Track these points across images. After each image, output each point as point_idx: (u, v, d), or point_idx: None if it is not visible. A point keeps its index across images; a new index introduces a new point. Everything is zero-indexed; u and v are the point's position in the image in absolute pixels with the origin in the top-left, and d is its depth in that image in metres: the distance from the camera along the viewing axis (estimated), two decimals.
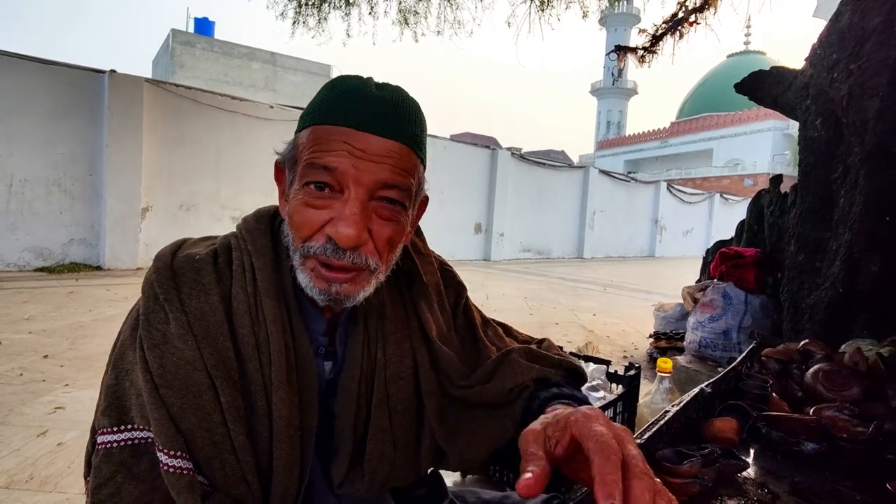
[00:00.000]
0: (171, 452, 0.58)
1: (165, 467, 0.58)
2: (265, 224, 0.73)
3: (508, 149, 14.80)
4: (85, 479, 0.66)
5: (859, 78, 1.75)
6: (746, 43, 41.61)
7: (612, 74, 4.10)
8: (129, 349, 0.64)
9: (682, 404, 1.27)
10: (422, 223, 0.91)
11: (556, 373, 0.83)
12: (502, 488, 1.65)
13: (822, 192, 2.05)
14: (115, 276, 7.36)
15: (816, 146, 2.11)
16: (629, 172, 27.73)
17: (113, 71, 7.89)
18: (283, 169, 0.70)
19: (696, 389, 1.44)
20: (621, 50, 4.23)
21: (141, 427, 0.61)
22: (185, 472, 0.58)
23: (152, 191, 8.36)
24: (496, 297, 7.36)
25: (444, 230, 12.73)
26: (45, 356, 3.46)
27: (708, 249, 3.68)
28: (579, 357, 2.29)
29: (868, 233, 1.68)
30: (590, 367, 2.16)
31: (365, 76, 0.68)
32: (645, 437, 1.05)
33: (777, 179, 3.12)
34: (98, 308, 5.11)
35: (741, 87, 2.73)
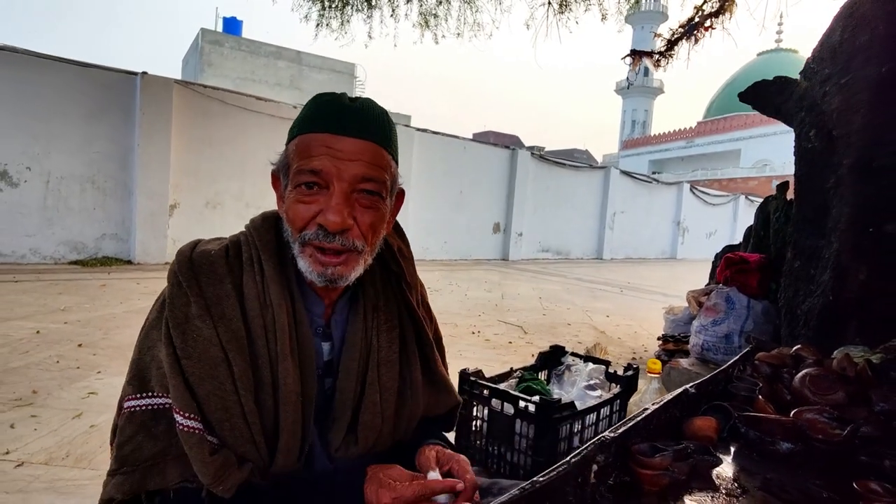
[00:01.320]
0: (186, 414, 0.72)
1: (180, 426, 0.71)
2: (270, 223, 0.87)
3: (530, 148, 14.81)
4: (111, 444, 0.80)
5: (846, 93, 1.80)
6: (778, 41, 40.59)
7: (627, 79, 4.14)
8: (153, 329, 0.79)
9: (662, 403, 1.36)
10: (440, 221, 1.04)
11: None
12: (491, 476, 1.76)
13: (817, 202, 2.09)
14: (145, 269, 7.67)
15: (811, 157, 2.15)
16: (654, 172, 27.37)
17: (145, 73, 8.20)
18: (278, 176, 0.85)
19: (680, 389, 1.52)
20: (636, 54, 4.26)
21: (160, 394, 0.75)
22: (196, 431, 0.72)
23: (180, 189, 8.66)
24: (511, 297, 7.43)
25: (463, 230, 12.81)
26: (80, 345, 3.69)
27: (717, 254, 3.70)
28: (580, 357, 2.37)
29: (854, 243, 1.73)
30: (588, 367, 2.24)
31: (339, 92, 0.83)
32: (619, 431, 1.14)
33: (783, 186, 3.13)
34: (129, 300, 5.37)
35: (744, 96, 2.77)
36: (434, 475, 0.82)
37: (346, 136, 0.77)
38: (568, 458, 0.95)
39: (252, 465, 0.76)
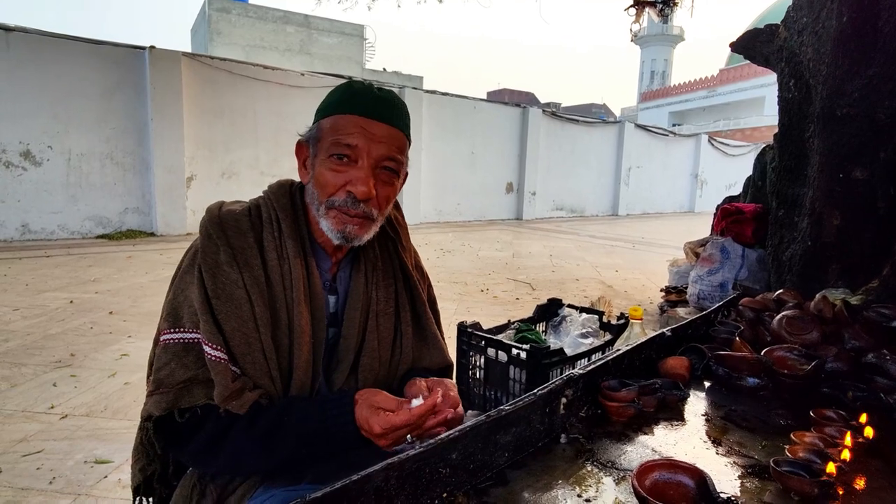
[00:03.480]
0: (214, 346, 0.85)
1: (209, 356, 0.85)
2: (285, 190, 1.01)
3: (546, 104, 14.53)
4: (147, 376, 0.95)
5: (817, 43, 1.80)
6: None
7: (631, 30, 4.07)
8: (186, 274, 0.93)
9: (635, 344, 1.46)
10: (453, 182, 1.15)
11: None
12: None
13: (797, 151, 2.11)
14: (168, 241, 7.93)
15: (791, 106, 2.16)
16: (674, 124, 26.61)
17: (152, 47, 8.24)
18: (305, 146, 0.98)
19: (657, 332, 1.62)
20: (639, 5, 4.15)
21: (190, 330, 0.88)
22: (221, 360, 0.85)
23: (195, 161, 8.82)
24: (522, 255, 7.52)
25: (475, 190, 12.79)
26: (111, 312, 3.92)
27: (718, 205, 3.70)
28: (576, 308, 2.47)
29: (826, 189, 1.76)
30: (582, 317, 2.35)
31: (367, 83, 0.98)
32: (588, 368, 1.25)
33: (777, 137, 3.09)
34: (155, 270, 5.60)
35: (736, 46, 2.73)
36: (417, 402, 0.92)
37: (378, 121, 0.92)
38: (535, 391, 1.06)
39: (262, 390, 0.89)
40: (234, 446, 0.85)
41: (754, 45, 2.63)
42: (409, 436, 0.91)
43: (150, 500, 1.00)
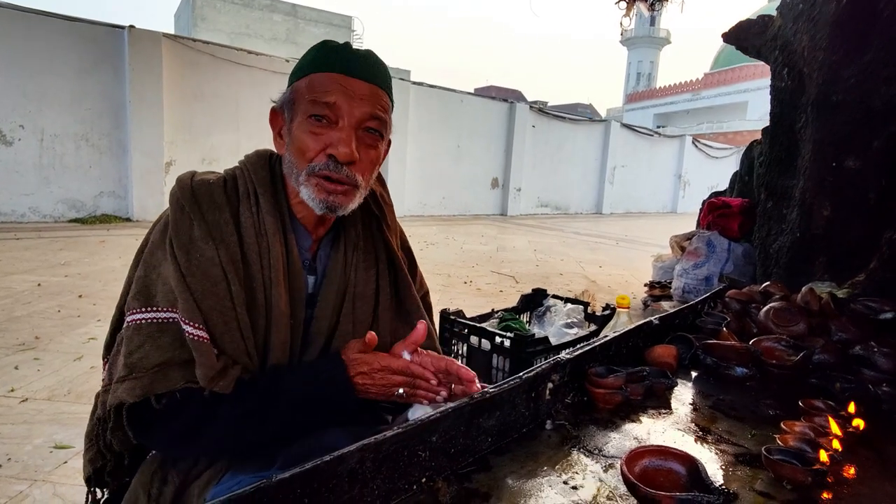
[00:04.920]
0: (194, 325, 0.79)
1: (190, 335, 0.78)
2: (264, 160, 0.94)
3: (532, 102, 14.52)
4: (103, 359, 0.87)
5: (813, 30, 1.79)
6: None
7: (621, 24, 4.05)
8: (157, 249, 0.85)
9: (622, 332, 1.43)
10: (438, 176, 1.09)
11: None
12: None
13: (788, 141, 2.10)
14: (144, 227, 7.69)
15: (783, 96, 2.15)
16: (659, 126, 26.87)
17: (132, 26, 8.02)
18: (280, 113, 0.90)
19: (644, 321, 1.59)
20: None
21: (165, 309, 0.81)
22: (204, 339, 0.79)
23: (175, 145, 8.61)
24: (507, 249, 7.50)
25: (460, 185, 12.75)
26: (80, 296, 3.79)
27: (704, 200, 3.72)
28: (561, 298, 2.44)
29: (818, 179, 1.75)
30: (567, 307, 2.31)
31: (342, 42, 0.90)
32: (575, 353, 1.21)
33: (767, 131, 3.10)
34: (129, 255, 5.41)
35: (728, 37, 2.72)
36: (406, 356, 0.90)
37: (357, 78, 0.85)
38: (520, 373, 1.02)
39: (240, 366, 0.84)
40: (223, 427, 0.80)
41: (746, 37, 2.62)
42: (401, 388, 0.87)
43: (104, 491, 0.93)
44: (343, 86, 0.83)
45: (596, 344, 1.29)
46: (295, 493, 0.63)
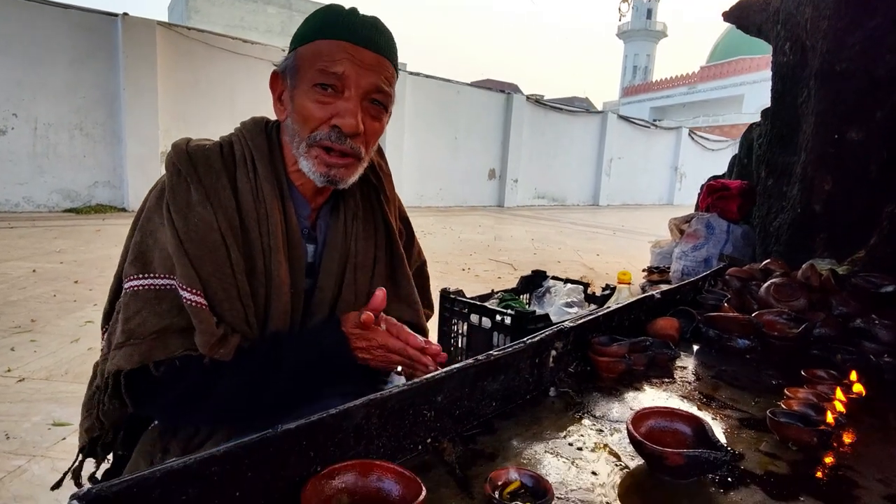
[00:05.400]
0: (193, 291, 0.77)
1: (188, 302, 0.77)
2: (261, 127, 0.91)
3: (529, 96, 14.46)
4: (102, 329, 0.86)
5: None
6: None
7: (619, 10, 3.99)
8: (154, 214, 0.83)
9: (625, 304, 1.43)
10: (435, 167, 1.07)
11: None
12: None
13: (790, 117, 2.09)
14: None
15: (785, 71, 2.14)
16: (655, 120, 26.82)
17: (125, 14, 7.92)
18: (281, 78, 0.87)
19: (646, 294, 1.59)
20: None
21: (162, 275, 0.79)
22: (202, 306, 0.77)
23: (169, 135, 8.53)
24: (504, 238, 7.50)
25: (457, 176, 12.73)
26: (76, 282, 3.77)
27: (702, 185, 3.72)
28: (560, 280, 2.44)
29: (819, 152, 1.75)
30: (567, 287, 2.31)
31: (348, 7, 0.86)
32: (578, 322, 1.21)
33: (767, 112, 3.10)
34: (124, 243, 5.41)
35: (728, 16, 2.71)
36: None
37: (366, 48, 0.82)
38: (524, 339, 1.02)
39: (240, 334, 0.83)
40: (223, 394, 0.79)
41: (747, 14, 2.60)
42: (399, 367, 0.88)
43: (96, 461, 0.92)
44: (352, 55, 0.81)
45: (599, 314, 1.29)
46: (300, 444, 0.63)
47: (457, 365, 0.85)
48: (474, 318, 1.88)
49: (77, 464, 0.92)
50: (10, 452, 1.68)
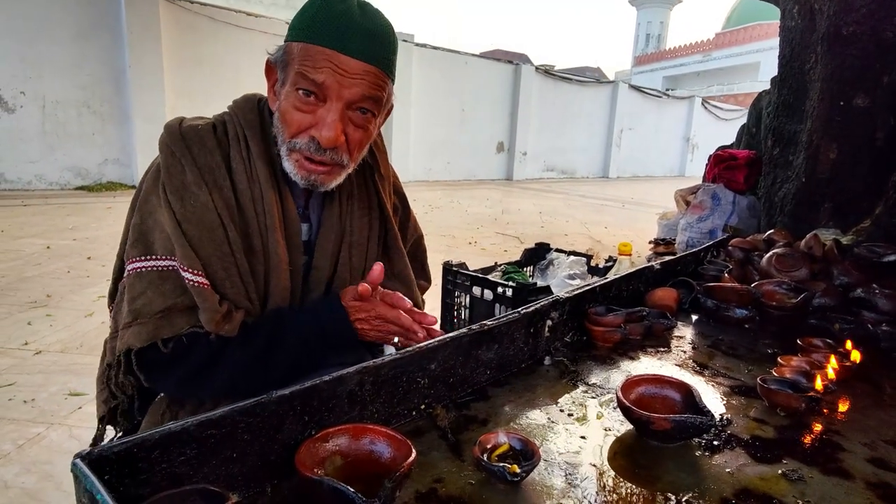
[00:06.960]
0: (194, 271, 0.78)
1: (190, 282, 0.78)
2: (253, 105, 0.90)
3: (538, 66, 14.15)
4: (109, 307, 0.88)
5: None
6: None
7: None
8: (152, 195, 0.83)
9: (623, 275, 1.44)
10: (442, 141, 1.05)
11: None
12: None
13: (797, 84, 2.04)
14: None
15: (793, 36, 2.08)
16: (668, 89, 26.21)
17: None
18: (274, 68, 0.86)
19: (645, 265, 1.59)
20: None
21: (164, 257, 0.80)
22: (205, 286, 0.79)
23: (176, 111, 8.50)
24: (511, 212, 7.48)
25: (465, 149, 12.60)
26: (89, 258, 3.84)
27: (710, 155, 3.66)
28: (564, 252, 2.44)
29: (825, 119, 1.71)
30: (569, 259, 2.32)
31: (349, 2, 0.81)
32: (574, 292, 1.22)
33: (776, 80, 3.02)
34: None
35: None
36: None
37: (353, 56, 0.78)
38: (519, 309, 1.03)
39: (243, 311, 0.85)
40: (231, 367, 0.81)
41: None
42: (395, 338, 0.88)
43: (116, 429, 0.95)
44: (335, 65, 0.78)
45: (596, 285, 1.30)
46: (295, 409, 0.65)
47: (450, 334, 0.87)
48: (476, 290, 1.89)
49: (98, 433, 0.96)
50: (30, 420, 1.75)
